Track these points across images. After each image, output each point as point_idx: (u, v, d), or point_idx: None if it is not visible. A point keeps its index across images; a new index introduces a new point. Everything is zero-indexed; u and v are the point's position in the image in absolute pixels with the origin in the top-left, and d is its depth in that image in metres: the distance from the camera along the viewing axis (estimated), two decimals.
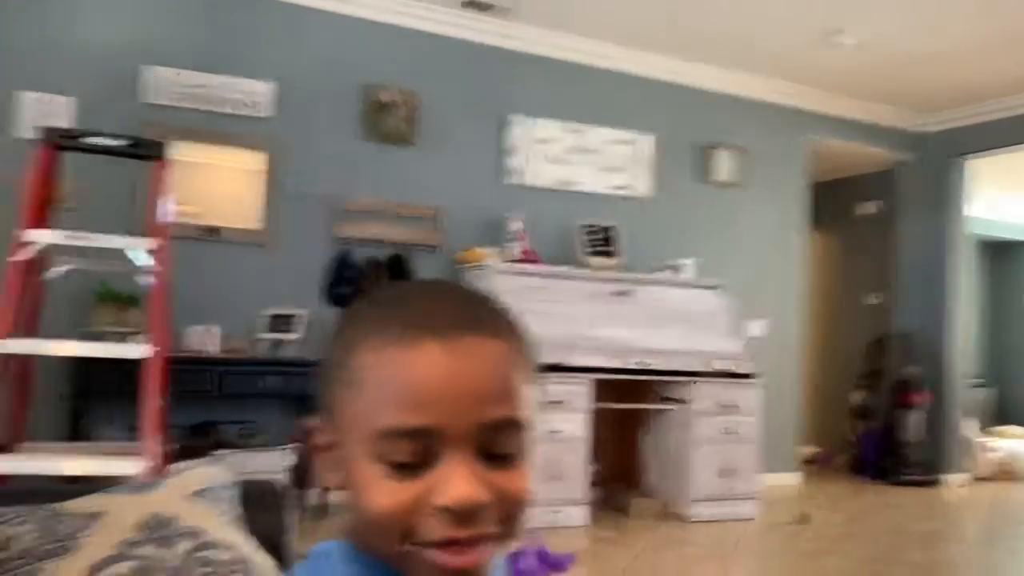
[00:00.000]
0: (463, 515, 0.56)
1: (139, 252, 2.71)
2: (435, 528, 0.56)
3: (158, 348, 2.36)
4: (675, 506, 4.68)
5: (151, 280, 2.60)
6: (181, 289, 4.23)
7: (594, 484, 4.50)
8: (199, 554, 1.38)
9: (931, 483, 6.08)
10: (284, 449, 4.00)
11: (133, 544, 1.38)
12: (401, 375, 0.57)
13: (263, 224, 4.51)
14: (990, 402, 10.25)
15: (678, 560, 3.80)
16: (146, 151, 2.84)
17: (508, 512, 0.58)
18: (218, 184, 4.65)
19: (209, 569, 1.37)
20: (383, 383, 0.57)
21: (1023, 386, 10.38)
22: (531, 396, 0.60)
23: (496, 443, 0.58)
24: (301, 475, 2.65)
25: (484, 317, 0.61)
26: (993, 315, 10.73)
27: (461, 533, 0.57)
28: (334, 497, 4.26)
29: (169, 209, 2.81)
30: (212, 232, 4.40)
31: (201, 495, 1.51)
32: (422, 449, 0.57)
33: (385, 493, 0.57)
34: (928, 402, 6.20)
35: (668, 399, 4.81)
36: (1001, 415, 10.30)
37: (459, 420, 0.57)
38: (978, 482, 6.32)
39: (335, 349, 0.62)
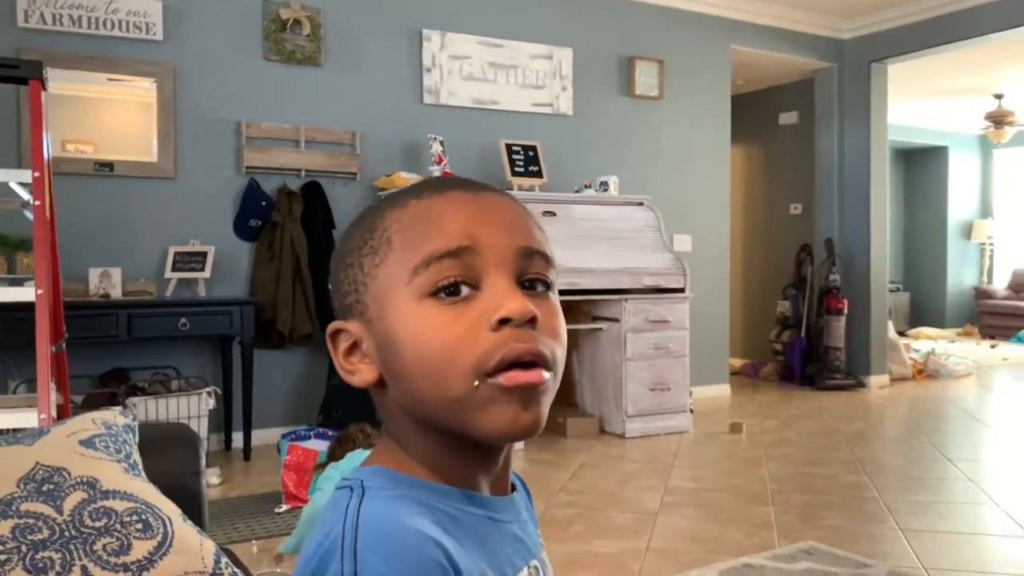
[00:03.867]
0: (522, 324, 0.56)
1: (18, 186, 2.46)
2: (500, 347, 0.56)
3: (42, 290, 2.13)
4: (610, 424, 4.67)
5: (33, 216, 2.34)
6: (80, 230, 3.94)
7: None
8: (92, 507, 1.22)
9: (855, 386, 6.24)
10: (202, 393, 3.80)
11: (12, 501, 1.20)
12: (434, 213, 0.59)
13: (162, 156, 4.20)
14: (904, 306, 10.64)
15: (616, 476, 3.78)
16: (16, 72, 2.53)
17: (552, 348, 0.58)
18: (110, 116, 4.32)
19: (104, 522, 1.20)
20: (417, 224, 0.59)
21: (934, 290, 10.80)
22: (551, 251, 0.62)
23: (532, 268, 0.60)
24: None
25: (497, 188, 0.64)
26: (907, 222, 11.04)
27: (523, 344, 0.56)
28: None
29: (49, 138, 2.53)
30: (107, 167, 4.08)
31: (92, 442, 1.33)
32: (466, 269, 0.57)
33: (444, 325, 0.56)
34: (849, 308, 6.33)
35: (599, 318, 4.75)
36: (914, 318, 10.71)
37: (496, 240, 0.58)
38: (897, 383, 6.52)
39: (351, 238, 0.63)
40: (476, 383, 0.56)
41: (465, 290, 0.57)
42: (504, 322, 0.56)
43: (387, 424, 0.63)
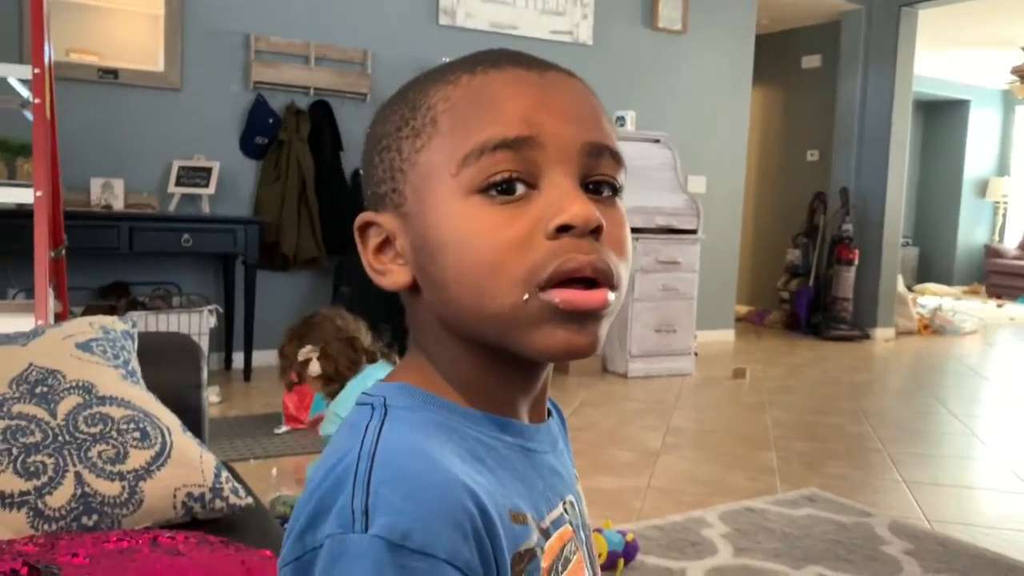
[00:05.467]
0: (584, 234, 0.48)
1: (18, 83, 2.36)
2: (555, 257, 0.47)
3: (40, 192, 2.05)
4: (613, 363, 4.64)
5: (32, 116, 2.25)
6: (82, 138, 3.84)
7: None
8: (88, 412, 1.16)
9: (860, 337, 6.19)
10: (204, 311, 3.75)
11: (4, 402, 1.14)
12: (489, 92, 0.50)
13: (169, 67, 4.07)
14: (912, 260, 10.54)
15: (618, 414, 3.75)
16: None
17: (616, 266, 0.50)
18: (117, 26, 4.16)
19: (99, 428, 1.15)
20: (469, 104, 0.50)
21: (944, 246, 10.69)
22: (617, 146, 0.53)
23: (599, 171, 0.51)
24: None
25: (559, 64, 0.54)
26: (921, 175, 10.87)
27: (580, 257, 0.48)
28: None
29: (51, 41, 2.42)
30: (112, 74, 3.95)
31: (89, 346, 1.27)
32: (524, 164, 0.49)
33: (493, 227, 0.48)
34: (860, 260, 6.24)
35: None
36: (921, 273, 10.62)
37: (560, 131, 0.50)
38: (902, 336, 6.48)
39: (389, 116, 0.54)
40: (526, 296, 0.48)
41: (520, 188, 0.49)
42: (563, 229, 0.48)
43: (417, 335, 0.55)
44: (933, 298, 8.82)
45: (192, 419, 1.38)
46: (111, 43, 4.09)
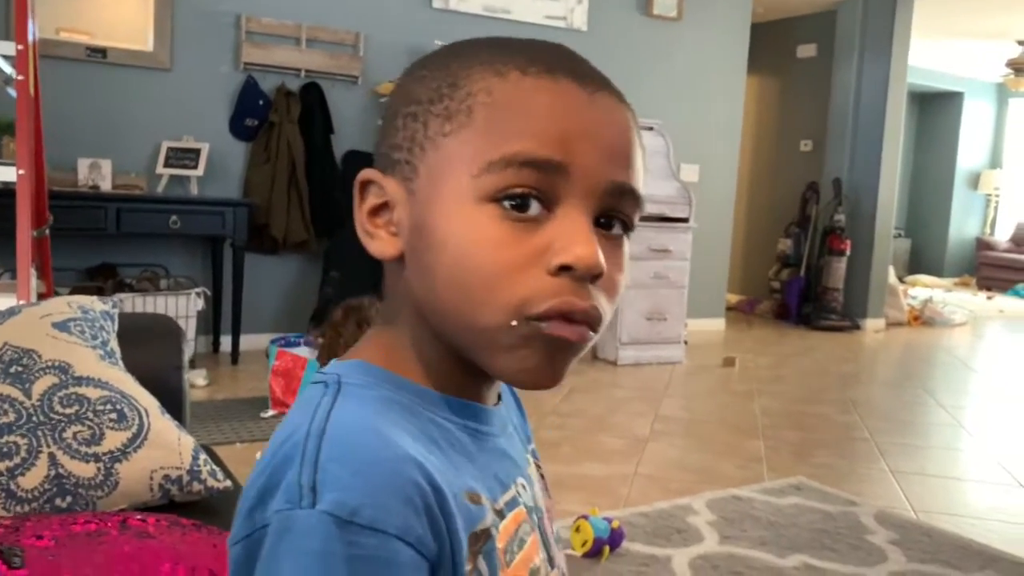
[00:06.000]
0: (583, 279, 0.48)
1: (1, 61, 2.32)
2: (551, 296, 0.47)
3: (23, 170, 2.02)
4: (603, 350, 4.63)
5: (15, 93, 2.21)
6: (70, 118, 3.80)
7: None
8: (63, 392, 1.14)
9: (850, 328, 6.20)
10: (191, 294, 3.72)
11: None
12: (535, 102, 0.48)
13: (158, 46, 4.02)
14: (903, 252, 10.56)
15: (607, 401, 3.75)
16: None
17: (605, 311, 0.50)
18: (106, 5, 4.10)
19: (75, 409, 1.13)
20: (510, 108, 0.48)
21: (935, 238, 10.71)
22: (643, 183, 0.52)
23: (617, 209, 0.50)
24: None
25: (611, 82, 0.52)
26: (914, 167, 10.88)
27: (577, 303, 0.47)
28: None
29: (35, 19, 2.38)
30: (100, 53, 3.91)
31: (67, 325, 1.25)
32: (546, 187, 0.47)
33: (498, 243, 0.47)
34: (851, 250, 6.24)
35: None
36: (912, 264, 10.65)
37: (593, 167, 0.48)
38: (892, 327, 6.49)
39: (424, 81, 0.51)
40: (514, 322, 0.47)
41: (535, 208, 0.47)
42: (565, 268, 0.47)
43: (390, 306, 0.54)
44: (924, 290, 8.84)
45: (172, 401, 1.36)
46: (101, 22, 4.04)
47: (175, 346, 1.51)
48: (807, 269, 6.43)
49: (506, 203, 0.47)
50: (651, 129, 4.77)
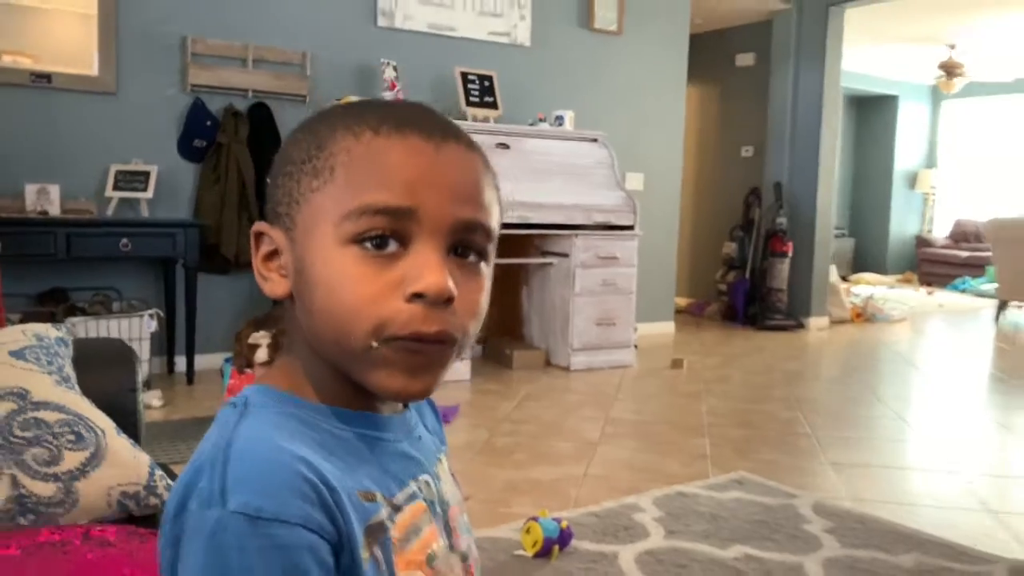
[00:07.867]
0: (434, 304, 0.55)
1: None
2: (405, 320, 0.55)
3: None
4: (556, 357, 4.73)
5: None
6: (16, 144, 3.80)
7: (477, 338, 4.46)
8: (22, 417, 1.20)
9: (795, 327, 6.40)
10: (144, 315, 3.74)
11: None
12: (385, 157, 0.56)
13: (104, 70, 4.03)
14: (847, 251, 10.87)
15: (560, 407, 3.85)
16: None
17: (464, 324, 0.58)
18: (49, 27, 4.11)
19: (34, 432, 1.19)
20: (364, 164, 0.56)
21: (877, 237, 11.03)
22: (497, 216, 0.60)
23: (468, 242, 0.58)
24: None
25: (460, 131, 0.60)
26: (855, 169, 11.20)
27: (429, 326, 0.55)
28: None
29: None
30: (44, 79, 3.91)
31: (23, 353, 1.30)
32: (399, 228, 0.55)
33: (359, 279, 0.55)
34: (793, 252, 6.44)
35: (549, 253, 4.77)
36: (857, 263, 10.96)
37: (438, 208, 0.56)
38: (835, 325, 6.70)
39: (298, 144, 0.59)
40: (374, 343, 0.55)
41: (392, 245, 0.56)
42: (419, 296, 0.55)
43: (290, 337, 0.63)
44: (866, 287, 9.11)
45: (128, 422, 1.42)
46: (45, 45, 4.04)
47: (129, 369, 1.57)
48: (752, 271, 6.61)
49: (367, 244, 0.55)
50: (595, 140, 4.90)
